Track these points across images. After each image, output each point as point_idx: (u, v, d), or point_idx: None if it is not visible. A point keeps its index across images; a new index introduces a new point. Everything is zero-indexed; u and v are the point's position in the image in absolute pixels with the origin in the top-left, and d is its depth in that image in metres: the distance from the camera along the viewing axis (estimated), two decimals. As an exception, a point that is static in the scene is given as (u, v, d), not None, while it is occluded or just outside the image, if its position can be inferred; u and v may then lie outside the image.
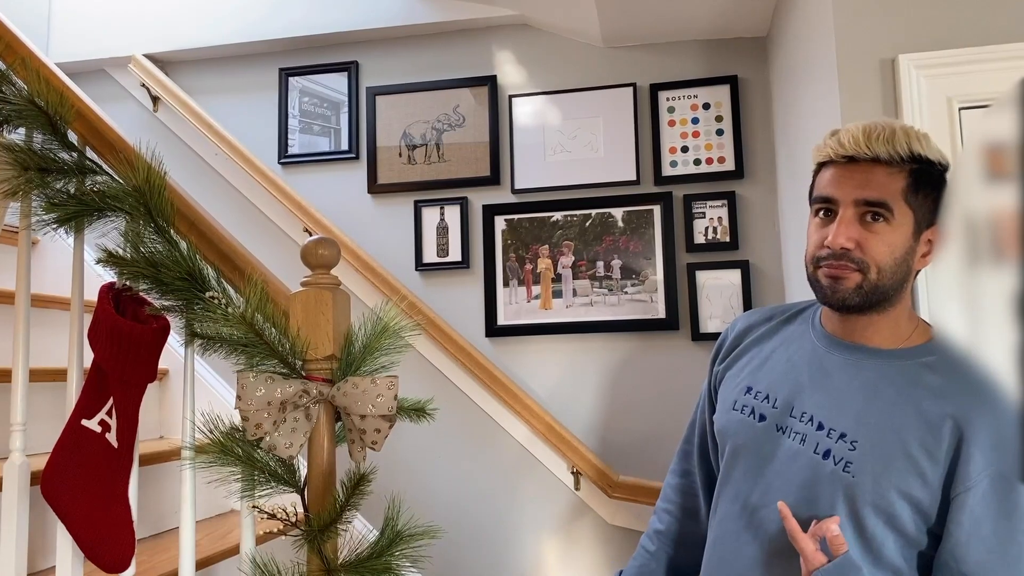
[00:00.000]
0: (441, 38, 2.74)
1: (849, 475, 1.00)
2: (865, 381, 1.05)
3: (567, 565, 2.41)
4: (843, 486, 1.01)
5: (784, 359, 1.17)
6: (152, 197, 1.21)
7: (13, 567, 1.30)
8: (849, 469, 1.01)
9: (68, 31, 2.98)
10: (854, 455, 1.01)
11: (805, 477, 1.05)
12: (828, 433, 1.04)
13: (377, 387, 1.11)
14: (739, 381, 1.21)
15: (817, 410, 1.07)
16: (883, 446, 0.99)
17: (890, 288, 1.04)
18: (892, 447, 0.99)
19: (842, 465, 1.01)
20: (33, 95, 1.27)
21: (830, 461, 1.03)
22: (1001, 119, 0.96)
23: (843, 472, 1.01)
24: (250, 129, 2.84)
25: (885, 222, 1.03)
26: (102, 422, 1.27)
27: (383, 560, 1.13)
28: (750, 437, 1.14)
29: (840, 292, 1.05)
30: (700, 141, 2.49)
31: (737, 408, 1.18)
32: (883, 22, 1.63)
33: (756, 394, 1.16)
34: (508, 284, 2.55)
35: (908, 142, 1.03)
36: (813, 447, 1.05)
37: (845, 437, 1.03)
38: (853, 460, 1.01)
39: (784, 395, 1.12)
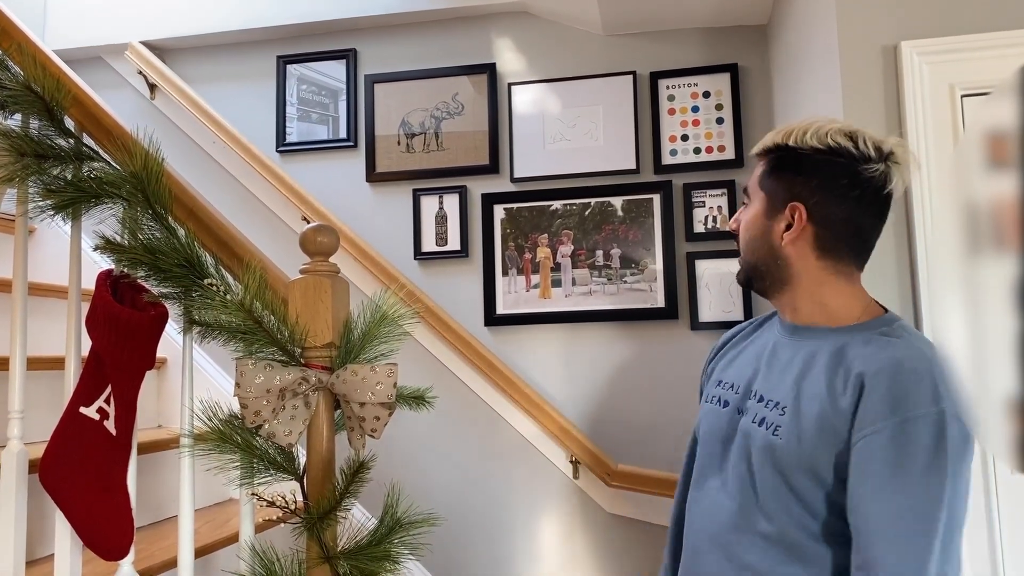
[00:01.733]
0: (440, 25, 2.72)
1: (778, 438, 1.06)
2: (805, 356, 1.11)
3: (565, 553, 2.41)
4: (771, 448, 1.07)
5: (752, 352, 1.25)
6: (150, 183, 1.21)
7: (12, 555, 1.30)
8: (778, 432, 1.07)
9: (65, 17, 2.96)
10: (783, 419, 1.07)
11: (747, 448, 1.13)
12: (767, 404, 1.12)
13: (376, 375, 1.11)
14: (714, 378, 1.30)
15: (763, 386, 1.15)
16: (807, 410, 1.05)
17: (759, 264, 1.17)
18: (813, 410, 1.04)
19: (772, 429, 1.08)
20: (30, 81, 1.27)
21: (763, 427, 1.10)
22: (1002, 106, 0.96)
23: (772, 436, 1.07)
24: (248, 117, 2.83)
25: (747, 205, 1.20)
26: (100, 410, 1.26)
27: (382, 548, 1.13)
28: (714, 423, 1.22)
29: (737, 275, 1.24)
30: (700, 130, 2.48)
31: (709, 400, 1.27)
32: (885, 9, 1.62)
33: (724, 384, 1.25)
34: (507, 273, 2.54)
35: (774, 137, 1.15)
36: (754, 418, 1.13)
37: (779, 405, 1.09)
38: (781, 424, 1.07)
39: (744, 381, 1.20)
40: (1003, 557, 1.46)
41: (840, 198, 1.09)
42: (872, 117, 1.60)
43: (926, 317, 1.51)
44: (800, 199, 1.11)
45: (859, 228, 1.10)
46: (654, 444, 2.40)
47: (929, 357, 0.99)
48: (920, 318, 1.52)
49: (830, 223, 1.10)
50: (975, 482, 1.47)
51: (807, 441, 1.03)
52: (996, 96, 0.54)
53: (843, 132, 1.10)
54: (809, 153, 1.11)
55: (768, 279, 1.17)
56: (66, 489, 1.25)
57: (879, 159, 1.08)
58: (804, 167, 1.11)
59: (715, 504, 1.17)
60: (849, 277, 1.12)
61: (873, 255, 1.57)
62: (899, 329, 1.06)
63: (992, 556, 1.46)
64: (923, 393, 0.95)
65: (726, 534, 1.13)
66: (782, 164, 1.14)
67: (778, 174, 1.14)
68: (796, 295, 1.15)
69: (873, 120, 1.60)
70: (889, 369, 0.98)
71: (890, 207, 1.12)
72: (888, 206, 1.12)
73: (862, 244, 1.12)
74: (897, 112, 1.59)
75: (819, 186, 1.10)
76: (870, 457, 0.96)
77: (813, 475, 1.03)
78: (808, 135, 1.11)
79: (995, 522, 1.47)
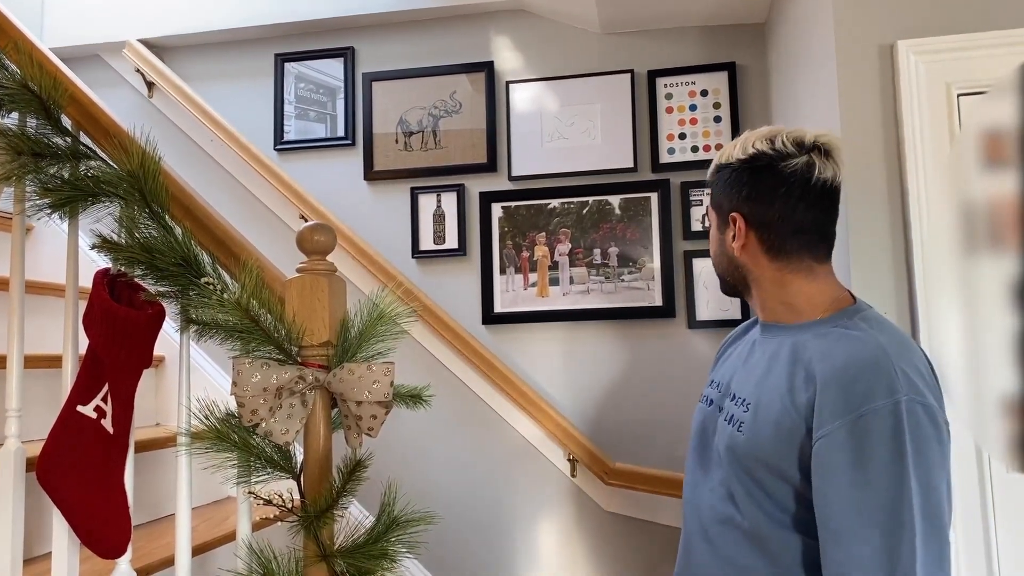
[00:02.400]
0: (438, 24, 2.72)
1: (741, 434, 1.10)
2: (771, 353, 1.14)
3: (563, 551, 2.41)
4: (735, 444, 1.10)
5: (738, 351, 1.29)
6: (147, 182, 1.21)
7: (9, 553, 1.30)
8: (741, 428, 1.10)
9: (62, 15, 2.95)
10: (746, 416, 1.10)
11: (719, 444, 1.17)
12: (737, 401, 1.15)
13: (373, 373, 1.11)
14: (709, 376, 1.36)
15: (736, 384, 1.19)
16: (768, 406, 1.07)
17: (725, 275, 1.25)
18: (774, 405, 1.06)
19: (737, 426, 1.11)
20: (26, 79, 1.26)
21: (732, 424, 1.13)
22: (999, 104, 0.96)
23: (736, 431, 1.11)
24: (245, 115, 2.83)
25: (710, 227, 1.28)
26: (97, 408, 1.26)
27: (379, 546, 1.13)
28: (699, 420, 1.28)
29: None
30: (698, 128, 2.48)
31: (701, 399, 1.32)
32: (881, 8, 1.62)
33: (713, 383, 1.30)
34: (505, 271, 2.54)
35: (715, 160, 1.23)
36: (726, 416, 1.17)
37: (744, 401, 1.13)
38: (744, 420, 1.10)
39: (727, 380, 1.24)
40: (998, 556, 1.46)
41: (769, 199, 1.12)
42: (868, 115, 1.61)
43: (922, 317, 1.51)
44: (737, 209, 1.17)
45: (799, 223, 1.12)
46: (651, 442, 2.41)
47: (885, 348, 0.99)
48: (916, 317, 1.52)
49: (768, 225, 1.14)
50: (970, 480, 1.48)
51: (766, 437, 1.05)
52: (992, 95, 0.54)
53: (764, 137, 1.14)
54: (737, 166, 1.17)
55: (738, 285, 1.23)
56: (64, 487, 1.25)
57: (800, 152, 1.11)
58: (735, 179, 1.17)
59: (701, 499, 1.21)
60: (809, 272, 1.14)
61: (870, 254, 1.57)
62: (858, 321, 1.07)
63: (987, 554, 1.46)
64: (877, 385, 0.95)
65: (710, 527, 1.16)
66: (720, 182, 1.21)
67: (719, 190, 1.21)
68: (763, 296, 1.19)
69: (869, 118, 1.61)
70: (843, 364, 0.99)
71: (831, 196, 1.13)
72: (827, 195, 1.13)
73: (810, 238, 1.13)
74: (893, 110, 1.59)
75: (749, 194, 1.15)
76: (829, 456, 0.97)
77: (776, 471, 1.04)
78: (736, 149, 1.17)
79: (990, 520, 1.47)
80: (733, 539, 1.11)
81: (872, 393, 0.95)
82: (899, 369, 0.96)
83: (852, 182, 1.59)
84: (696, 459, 1.26)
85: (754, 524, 1.07)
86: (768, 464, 1.05)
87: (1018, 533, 1.47)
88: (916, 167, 1.54)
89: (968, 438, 1.47)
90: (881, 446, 0.93)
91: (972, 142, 1.02)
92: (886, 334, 1.03)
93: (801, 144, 1.12)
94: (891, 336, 1.03)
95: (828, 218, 1.14)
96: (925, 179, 1.54)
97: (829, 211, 1.14)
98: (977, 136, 0.99)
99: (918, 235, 1.53)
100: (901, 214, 1.57)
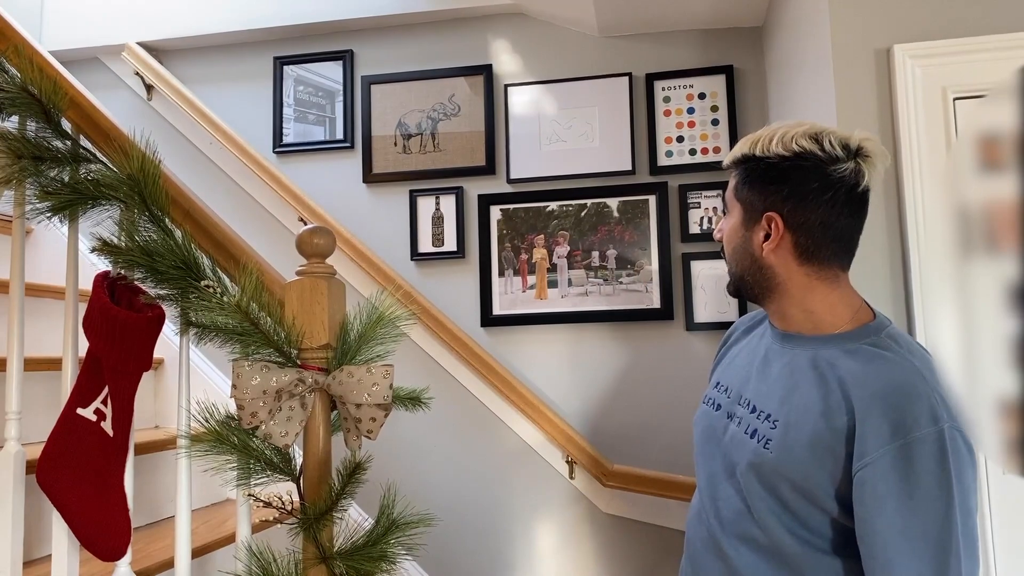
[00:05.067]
0: (437, 27, 2.73)
1: (768, 451, 1.06)
2: (795, 366, 1.10)
3: (561, 553, 2.42)
4: (761, 462, 1.06)
5: (746, 354, 1.24)
6: (147, 185, 1.21)
7: (9, 556, 1.30)
8: (769, 446, 1.06)
9: (61, 18, 2.96)
10: (774, 433, 1.07)
11: (736, 456, 1.13)
12: (758, 415, 1.11)
13: (372, 376, 1.11)
14: (714, 378, 1.31)
15: (754, 395, 1.15)
16: (799, 425, 1.04)
17: (744, 274, 1.16)
18: (805, 426, 1.03)
19: (763, 443, 1.07)
20: (27, 83, 1.27)
21: (755, 439, 1.09)
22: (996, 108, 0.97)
23: (763, 448, 1.07)
24: (245, 118, 2.83)
25: (727, 217, 1.20)
26: (97, 411, 1.27)
27: (378, 548, 1.13)
28: (707, 425, 1.23)
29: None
30: (695, 131, 2.49)
31: (705, 401, 1.28)
32: (878, 12, 1.63)
33: (720, 387, 1.25)
34: (503, 274, 2.55)
35: (742, 148, 1.14)
36: (745, 428, 1.12)
37: (770, 417, 1.09)
38: (772, 438, 1.06)
39: (737, 386, 1.20)
40: (995, 557, 1.47)
41: (814, 202, 1.07)
42: (865, 119, 1.61)
43: (919, 320, 1.52)
44: (774, 208, 1.10)
45: (838, 230, 1.08)
46: (650, 444, 2.41)
47: (922, 372, 0.98)
48: (913, 320, 1.53)
49: (808, 229, 1.08)
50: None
51: (799, 459, 1.02)
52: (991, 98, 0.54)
53: (808, 135, 1.08)
54: (776, 161, 1.09)
55: (756, 288, 1.16)
56: (63, 490, 1.25)
57: (847, 157, 1.06)
58: (774, 176, 1.10)
59: (709, 508, 1.17)
60: (835, 281, 1.10)
61: (866, 257, 1.58)
62: (887, 340, 1.04)
63: (985, 554, 1.47)
64: (920, 413, 0.94)
65: (723, 541, 1.13)
66: (753, 175, 1.13)
67: (751, 185, 1.13)
68: (784, 302, 1.13)
69: (866, 122, 1.61)
70: (883, 391, 0.97)
71: (868, 204, 1.10)
72: (865, 203, 1.09)
73: (843, 246, 1.10)
74: (890, 114, 1.60)
75: (791, 193, 1.08)
76: (874, 485, 0.95)
77: (804, 492, 1.02)
78: (774, 143, 1.09)
79: (987, 520, 1.48)
80: (750, 556, 1.08)
81: (917, 420, 0.94)
82: (937, 394, 0.96)
83: (849, 185, 1.60)
84: (704, 466, 1.22)
85: (776, 542, 1.05)
86: (796, 484, 1.02)
87: (1014, 534, 1.47)
88: (912, 170, 1.55)
89: (965, 440, 1.48)
90: (928, 474, 0.93)
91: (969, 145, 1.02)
92: (917, 356, 1.02)
93: (847, 147, 1.07)
94: (923, 359, 1.02)
95: (861, 226, 1.11)
96: (921, 182, 1.55)
97: (863, 219, 1.11)
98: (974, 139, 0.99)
99: (914, 238, 1.54)
100: (897, 217, 1.58)
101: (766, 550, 1.07)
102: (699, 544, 1.18)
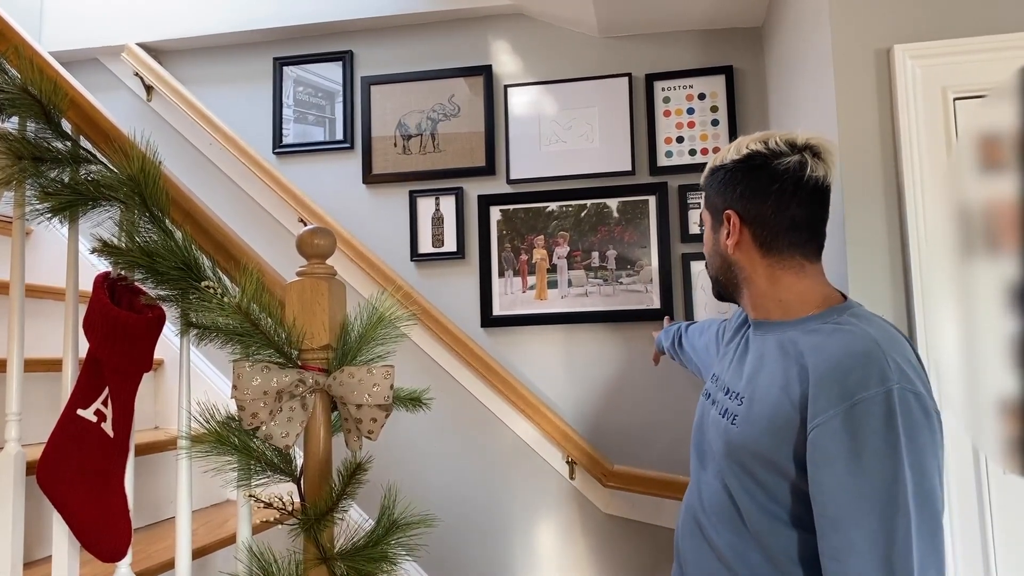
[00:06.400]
0: (436, 27, 2.73)
1: (735, 427, 1.12)
2: (765, 349, 1.16)
3: (562, 553, 2.42)
4: (728, 438, 1.13)
5: (733, 346, 1.31)
6: (147, 186, 1.21)
7: (9, 557, 1.30)
8: (736, 422, 1.13)
9: (61, 19, 2.96)
10: (740, 409, 1.13)
11: (712, 439, 1.21)
12: (730, 395, 1.19)
13: (373, 376, 1.11)
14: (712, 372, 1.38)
15: (729, 378, 1.23)
16: (761, 400, 1.09)
17: (719, 275, 1.27)
18: (768, 399, 1.08)
19: (731, 419, 1.14)
20: (27, 84, 1.27)
21: (725, 418, 1.16)
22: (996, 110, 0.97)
23: (731, 425, 1.14)
24: (244, 119, 2.83)
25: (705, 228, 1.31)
26: (98, 412, 1.27)
27: (379, 549, 1.14)
28: (699, 415, 1.31)
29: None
30: (695, 131, 2.49)
31: (703, 393, 1.35)
32: (878, 12, 1.63)
33: (714, 378, 1.32)
34: (503, 274, 2.55)
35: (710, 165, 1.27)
36: (720, 411, 1.20)
37: (739, 395, 1.16)
38: (739, 413, 1.13)
39: (723, 374, 1.28)
40: (995, 557, 1.47)
41: (763, 195, 1.16)
42: (865, 119, 1.61)
43: (919, 319, 1.51)
44: (731, 206, 1.20)
45: (792, 219, 1.15)
46: (650, 445, 2.41)
47: (876, 339, 1.01)
48: (913, 320, 1.52)
49: (762, 221, 1.17)
50: (967, 480, 1.48)
51: (761, 430, 1.07)
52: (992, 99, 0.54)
53: (757, 140, 1.19)
54: (732, 166, 1.21)
55: (730, 286, 1.26)
56: (64, 491, 1.25)
57: (792, 152, 1.15)
58: (729, 179, 1.21)
59: (696, 490, 1.24)
60: (800, 271, 1.17)
61: (866, 258, 1.58)
62: (849, 317, 1.09)
63: (984, 554, 1.47)
64: (869, 375, 0.97)
65: (702, 519, 1.19)
66: (715, 183, 1.24)
67: (714, 192, 1.24)
68: (753, 294, 1.21)
69: (866, 122, 1.61)
70: (835, 356, 1.01)
71: (824, 195, 1.17)
72: (819, 193, 1.16)
73: (802, 235, 1.16)
74: (890, 114, 1.60)
75: (744, 191, 1.18)
76: (824, 446, 0.98)
77: (771, 464, 1.06)
78: (730, 152, 1.21)
79: (987, 520, 1.48)
80: (727, 531, 1.13)
81: (865, 382, 0.97)
82: (891, 359, 0.98)
83: (849, 185, 1.60)
84: (695, 454, 1.29)
85: (749, 516, 1.09)
86: (763, 457, 1.07)
87: (1014, 534, 1.47)
88: (913, 171, 1.55)
89: (965, 439, 1.47)
90: (875, 433, 0.95)
91: (969, 145, 1.02)
92: (875, 327, 1.05)
93: (793, 144, 1.16)
94: (881, 329, 1.05)
95: (819, 216, 1.18)
96: (922, 183, 1.55)
97: (820, 209, 1.17)
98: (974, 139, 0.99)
99: (915, 238, 1.54)
100: (898, 217, 1.58)
101: (740, 525, 1.12)
102: (685, 535, 1.25)
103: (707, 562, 1.17)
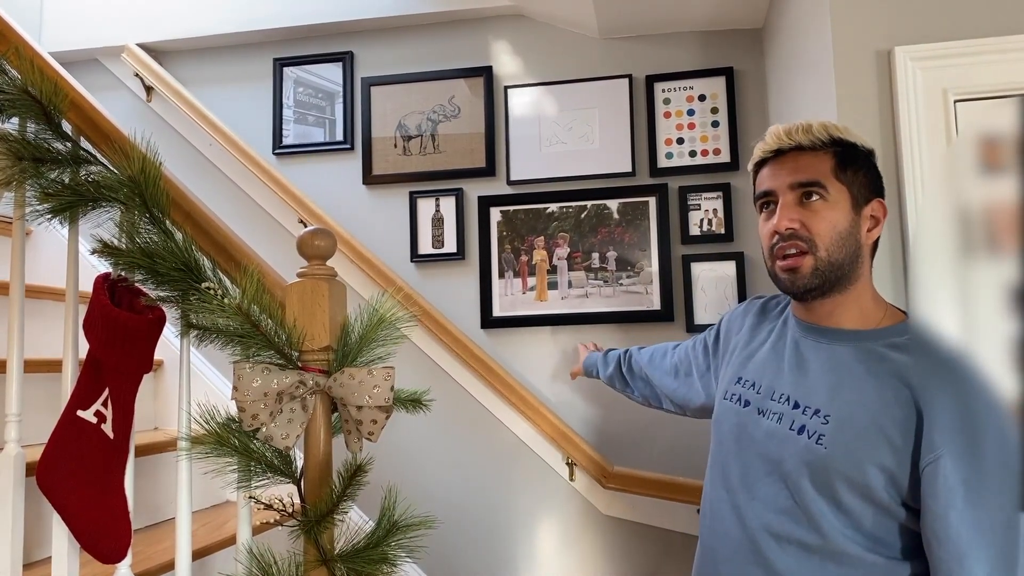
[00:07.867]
0: (436, 28, 2.73)
1: (822, 447, 1.05)
2: (838, 361, 1.10)
3: (561, 555, 2.42)
4: (814, 458, 1.05)
5: (769, 348, 1.23)
6: (147, 187, 1.21)
7: (9, 558, 1.30)
8: (822, 442, 1.05)
9: (61, 19, 2.96)
10: (827, 428, 1.06)
11: (778, 453, 1.11)
12: (803, 411, 1.10)
13: (373, 378, 1.11)
14: (731, 374, 1.28)
15: (793, 390, 1.13)
16: (853, 419, 1.04)
17: (844, 262, 1.11)
18: (862, 420, 1.03)
19: (816, 438, 1.06)
20: (27, 84, 1.26)
21: (804, 435, 1.08)
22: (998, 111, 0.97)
23: (816, 444, 1.06)
24: (245, 119, 2.83)
25: (821, 199, 1.11)
26: (98, 413, 1.26)
27: (379, 550, 1.13)
28: (735, 423, 1.20)
29: (799, 281, 1.12)
30: (696, 133, 2.49)
31: (727, 397, 1.25)
32: (879, 14, 1.63)
33: (744, 382, 1.22)
34: (503, 275, 2.54)
35: (825, 129, 1.12)
36: (789, 424, 1.10)
37: (819, 412, 1.08)
38: (826, 433, 1.05)
39: (766, 381, 1.18)
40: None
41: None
42: (866, 121, 1.61)
43: (919, 320, 1.51)
44: (880, 195, 1.14)
45: None
46: (650, 446, 2.41)
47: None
48: (914, 321, 1.53)
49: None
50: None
51: (854, 452, 1.02)
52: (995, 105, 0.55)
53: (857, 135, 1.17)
54: (864, 151, 1.14)
55: (844, 279, 1.12)
56: (64, 492, 1.25)
57: None
58: (870, 164, 1.14)
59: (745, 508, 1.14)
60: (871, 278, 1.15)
61: (867, 258, 1.58)
62: None
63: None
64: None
65: (763, 543, 1.10)
66: (850, 159, 1.13)
67: (854, 169, 1.13)
68: (848, 297, 1.13)
69: (867, 124, 1.61)
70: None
71: None
72: None
73: None
74: (891, 116, 1.60)
75: (880, 184, 1.14)
76: (945, 478, 0.95)
77: (859, 487, 1.02)
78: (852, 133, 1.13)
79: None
80: (795, 557, 1.07)
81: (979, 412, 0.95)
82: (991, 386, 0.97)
83: (850, 187, 1.60)
84: (736, 466, 1.18)
85: (827, 540, 1.04)
86: (851, 480, 1.02)
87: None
88: (913, 172, 1.55)
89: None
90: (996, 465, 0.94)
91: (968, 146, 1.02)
92: None
93: None
94: None
95: None
96: (922, 184, 1.55)
97: None
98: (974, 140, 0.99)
99: (914, 238, 1.54)
100: (898, 219, 1.58)
101: (814, 551, 1.05)
102: (728, 550, 1.15)
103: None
